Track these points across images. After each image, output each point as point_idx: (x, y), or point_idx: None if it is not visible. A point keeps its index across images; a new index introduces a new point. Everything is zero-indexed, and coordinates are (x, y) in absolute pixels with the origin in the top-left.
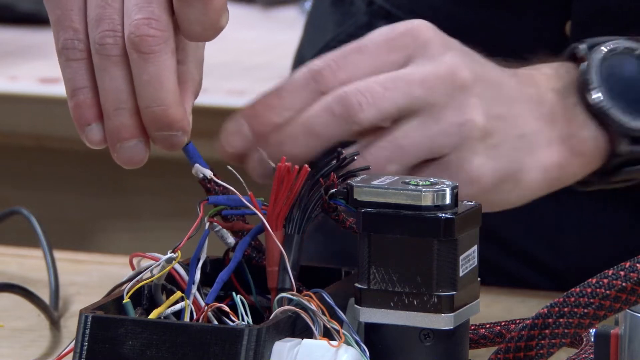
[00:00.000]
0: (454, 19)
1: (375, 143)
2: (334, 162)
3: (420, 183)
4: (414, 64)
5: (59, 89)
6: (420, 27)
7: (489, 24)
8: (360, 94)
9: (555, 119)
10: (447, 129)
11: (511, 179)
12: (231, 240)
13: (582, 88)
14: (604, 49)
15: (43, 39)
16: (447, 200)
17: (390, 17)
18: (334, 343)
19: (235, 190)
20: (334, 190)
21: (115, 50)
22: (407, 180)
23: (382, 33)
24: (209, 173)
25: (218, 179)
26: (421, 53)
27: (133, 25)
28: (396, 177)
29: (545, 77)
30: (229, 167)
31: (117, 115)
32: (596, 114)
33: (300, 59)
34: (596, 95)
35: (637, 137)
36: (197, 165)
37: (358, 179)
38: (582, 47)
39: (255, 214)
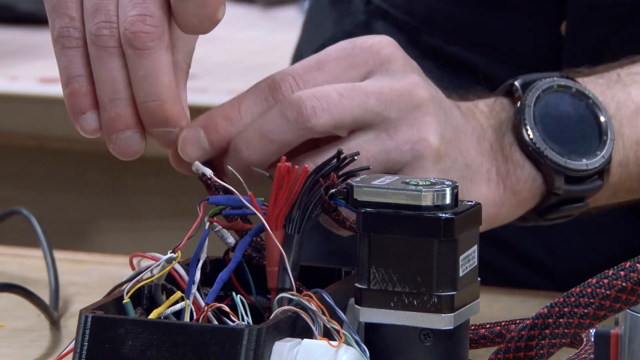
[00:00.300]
0: (450, 19)
1: (330, 152)
2: (334, 162)
3: (420, 183)
4: (373, 78)
5: (59, 89)
6: (381, 43)
7: (485, 23)
8: (315, 99)
9: (494, 156)
10: (401, 146)
11: None
12: (231, 240)
13: (518, 128)
14: (538, 87)
15: (43, 39)
16: (447, 200)
17: (388, 16)
18: (334, 343)
19: (234, 190)
20: (334, 190)
21: (112, 41)
22: (407, 180)
23: (343, 48)
24: (209, 172)
25: (218, 178)
26: (381, 69)
27: (128, 22)
28: (396, 177)
29: (483, 114)
30: (229, 167)
31: (112, 106)
32: (531, 154)
33: (298, 57)
34: (531, 137)
35: (573, 177)
36: (197, 162)
37: (358, 179)
38: (517, 84)
39: (255, 214)
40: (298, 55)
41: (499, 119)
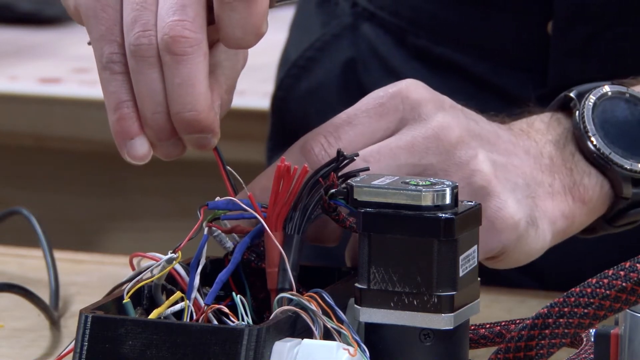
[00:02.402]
0: (436, 19)
1: None
2: (334, 162)
3: (420, 183)
4: (404, 128)
5: (59, 89)
6: (410, 87)
7: (471, 23)
8: None
9: (556, 170)
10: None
11: (534, 225)
12: (230, 244)
13: (579, 137)
14: (593, 96)
15: (43, 39)
16: (447, 200)
17: (374, 18)
18: (334, 343)
19: (254, 214)
20: (334, 190)
21: (150, 51)
22: (407, 180)
23: (372, 98)
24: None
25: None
26: (412, 115)
27: (167, 27)
28: (396, 177)
29: (539, 131)
30: (228, 167)
31: (155, 120)
32: (596, 160)
33: (285, 60)
34: (595, 143)
35: (639, 180)
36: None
37: (358, 179)
38: (573, 95)
39: (254, 217)
40: (285, 58)
41: (557, 132)
